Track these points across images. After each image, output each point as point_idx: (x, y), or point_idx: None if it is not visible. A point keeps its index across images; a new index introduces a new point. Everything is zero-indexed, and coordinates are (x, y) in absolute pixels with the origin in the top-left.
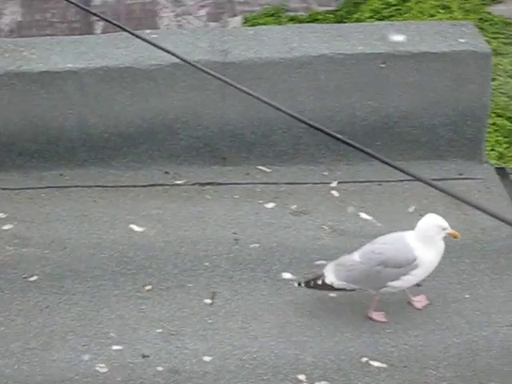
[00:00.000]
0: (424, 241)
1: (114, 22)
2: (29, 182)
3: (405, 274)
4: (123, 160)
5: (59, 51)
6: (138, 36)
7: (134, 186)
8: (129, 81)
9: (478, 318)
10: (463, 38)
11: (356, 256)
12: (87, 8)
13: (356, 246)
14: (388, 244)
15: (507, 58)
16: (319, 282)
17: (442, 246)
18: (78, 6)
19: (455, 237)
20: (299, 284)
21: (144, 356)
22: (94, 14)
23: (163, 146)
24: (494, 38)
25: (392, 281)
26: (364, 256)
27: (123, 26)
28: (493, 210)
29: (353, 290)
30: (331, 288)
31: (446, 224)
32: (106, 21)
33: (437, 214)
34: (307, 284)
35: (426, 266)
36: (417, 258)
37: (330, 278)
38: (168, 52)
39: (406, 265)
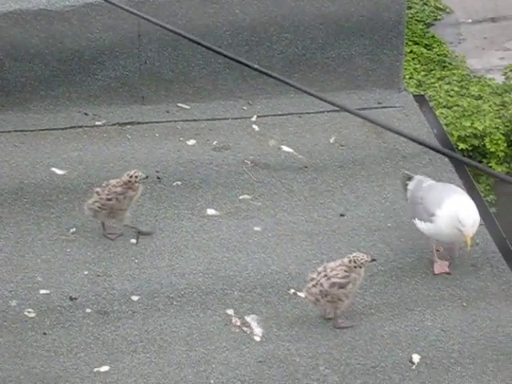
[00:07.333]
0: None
1: None
2: None
3: (425, 221)
4: (41, 103)
5: None
6: None
7: (53, 129)
8: (43, 23)
9: (402, 245)
10: None
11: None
12: None
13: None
14: (432, 190)
15: None
16: None
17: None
18: None
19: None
20: None
21: (72, 298)
22: None
23: (81, 88)
24: None
25: (417, 218)
26: (415, 185)
27: None
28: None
29: None
30: None
31: (464, 226)
32: None
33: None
34: None
35: (437, 227)
36: (434, 215)
37: None
38: None
39: (427, 214)
